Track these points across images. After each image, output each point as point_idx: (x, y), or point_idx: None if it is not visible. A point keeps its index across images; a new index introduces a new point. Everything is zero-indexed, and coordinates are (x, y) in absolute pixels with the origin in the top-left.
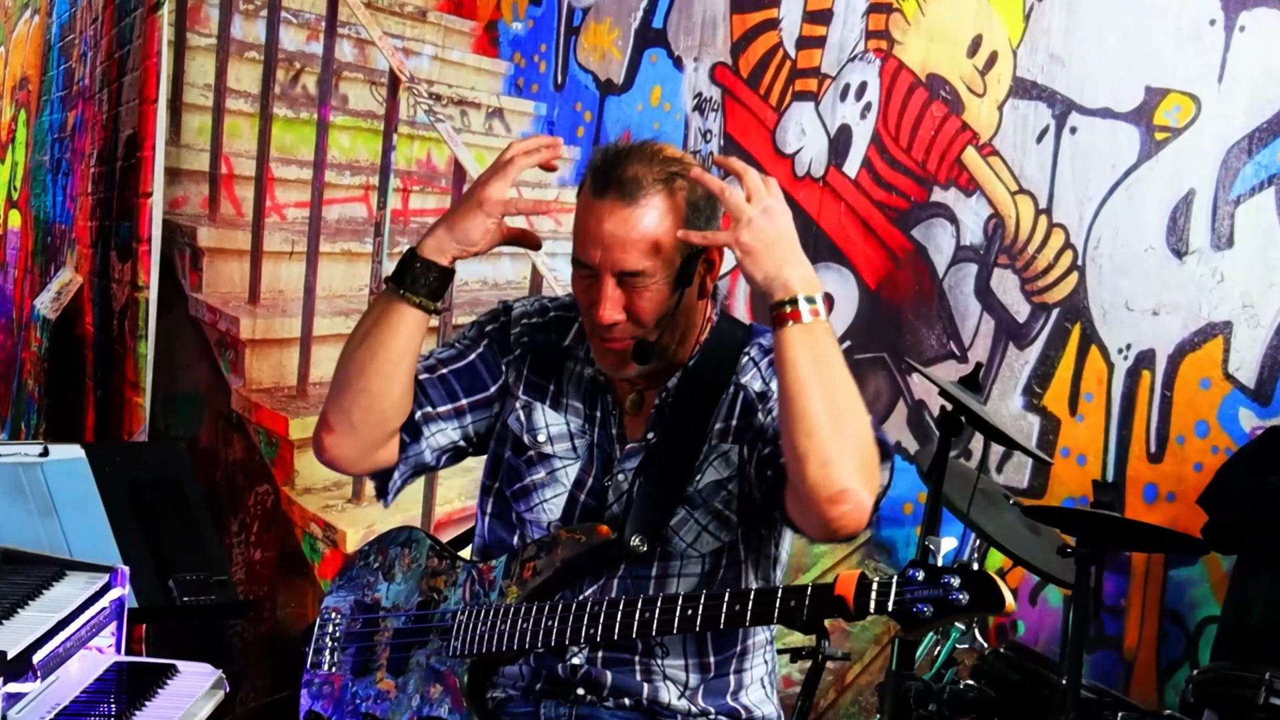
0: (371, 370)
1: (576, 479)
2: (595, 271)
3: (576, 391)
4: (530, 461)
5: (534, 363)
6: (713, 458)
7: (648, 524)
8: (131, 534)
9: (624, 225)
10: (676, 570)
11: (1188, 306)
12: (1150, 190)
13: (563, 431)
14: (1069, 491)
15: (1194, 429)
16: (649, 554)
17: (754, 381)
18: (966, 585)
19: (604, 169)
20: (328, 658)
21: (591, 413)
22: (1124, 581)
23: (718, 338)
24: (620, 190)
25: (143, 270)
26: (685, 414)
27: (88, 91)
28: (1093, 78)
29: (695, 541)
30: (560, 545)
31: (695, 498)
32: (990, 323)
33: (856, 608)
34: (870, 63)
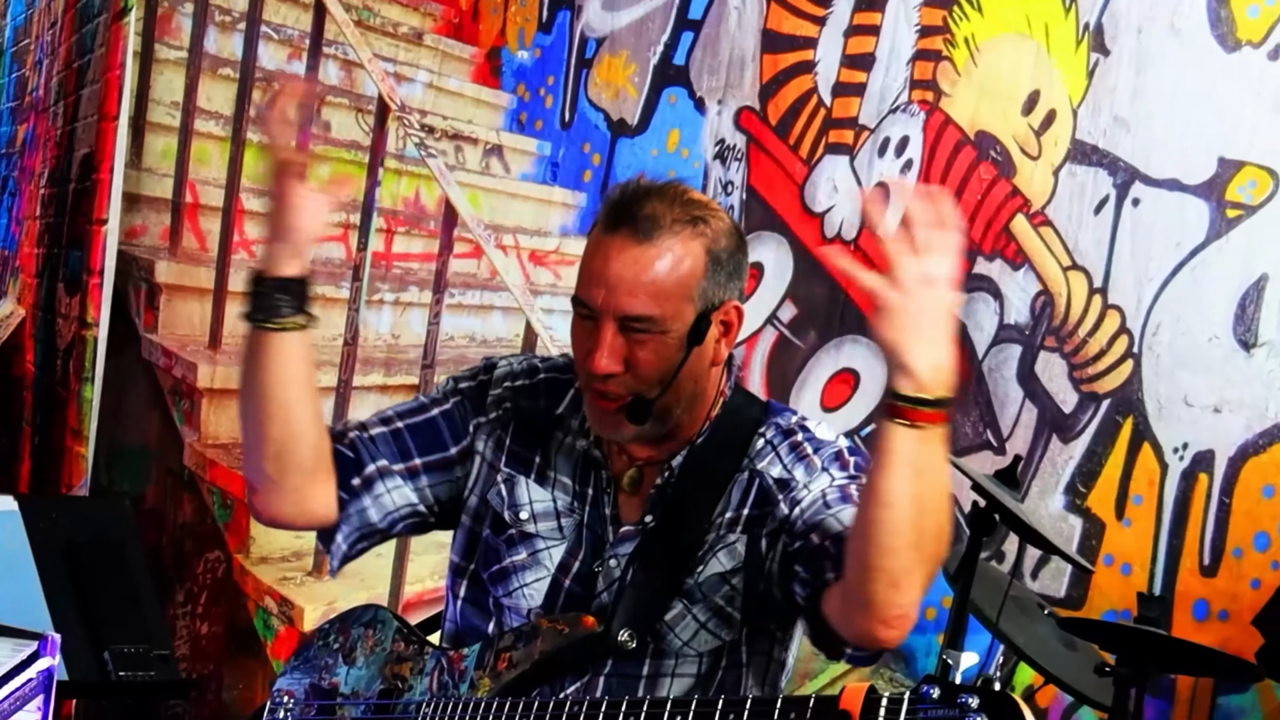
0: (266, 416)
1: (561, 563)
2: (596, 314)
3: (567, 465)
4: (511, 541)
5: (518, 430)
6: (718, 548)
7: (639, 617)
8: (65, 598)
9: (634, 266)
10: (670, 670)
11: (1253, 405)
12: (1218, 273)
13: (548, 509)
14: (1111, 604)
15: (1253, 542)
16: (639, 650)
17: (772, 467)
18: (985, 707)
19: (621, 204)
20: None
21: (583, 490)
22: (1167, 707)
23: (731, 414)
24: (634, 228)
25: (93, 305)
26: (689, 497)
27: (41, 104)
28: (1160, 145)
29: (692, 640)
30: (540, 636)
31: (695, 591)
32: (1033, 412)
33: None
34: (914, 115)
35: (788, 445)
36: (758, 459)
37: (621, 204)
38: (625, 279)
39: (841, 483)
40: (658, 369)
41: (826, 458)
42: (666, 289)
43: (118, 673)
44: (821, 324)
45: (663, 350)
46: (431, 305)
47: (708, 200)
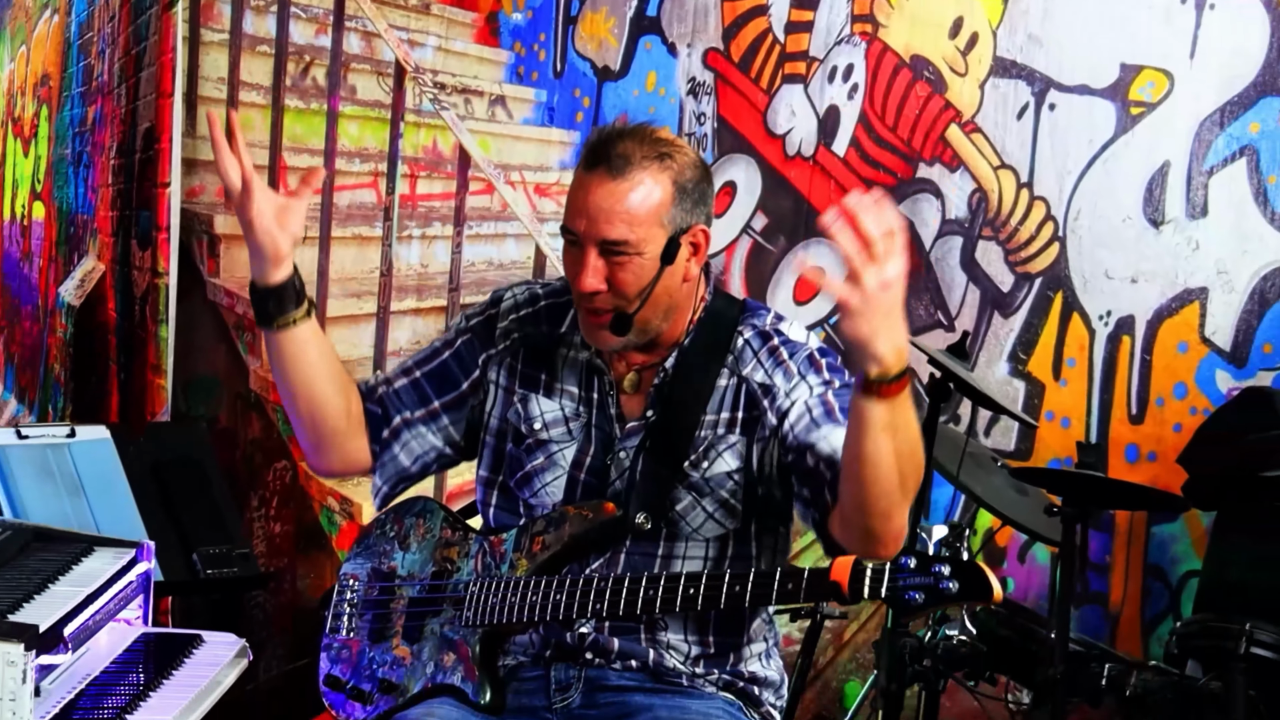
0: (294, 397)
1: (574, 460)
2: (580, 241)
3: (572, 376)
4: (529, 449)
5: (527, 356)
6: (721, 448)
7: (651, 502)
8: (156, 511)
9: (609, 198)
10: (682, 552)
11: (1165, 274)
12: (1127, 163)
13: (557, 417)
14: (1054, 453)
15: (1173, 391)
16: (654, 532)
17: (755, 373)
18: (957, 574)
19: (597, 146)
20: (345, 623)
21: (588, 395)
22: (1108, 539)
23: (712, 316)
24: (609, 165)
25: (162, 257)
26: (684, 392)
27: (106, 87)
28: (1069, 56)
29: (701, 527)
30: (568, 521)
31: (703, 485)
32: (976, 293)
33: (851, 593)
34: (856, 45)
35: (766, 351)
36: (741, 364)
37: (598, 145)
38: (603, 209)
39: (820, 392)
40: (635, 286)
41: (801, 362)
42: (639, 217)
43: (205, 571)
44: (789, 230)
45: (639, 270)
46: (453, 237)
47: (674, 139)
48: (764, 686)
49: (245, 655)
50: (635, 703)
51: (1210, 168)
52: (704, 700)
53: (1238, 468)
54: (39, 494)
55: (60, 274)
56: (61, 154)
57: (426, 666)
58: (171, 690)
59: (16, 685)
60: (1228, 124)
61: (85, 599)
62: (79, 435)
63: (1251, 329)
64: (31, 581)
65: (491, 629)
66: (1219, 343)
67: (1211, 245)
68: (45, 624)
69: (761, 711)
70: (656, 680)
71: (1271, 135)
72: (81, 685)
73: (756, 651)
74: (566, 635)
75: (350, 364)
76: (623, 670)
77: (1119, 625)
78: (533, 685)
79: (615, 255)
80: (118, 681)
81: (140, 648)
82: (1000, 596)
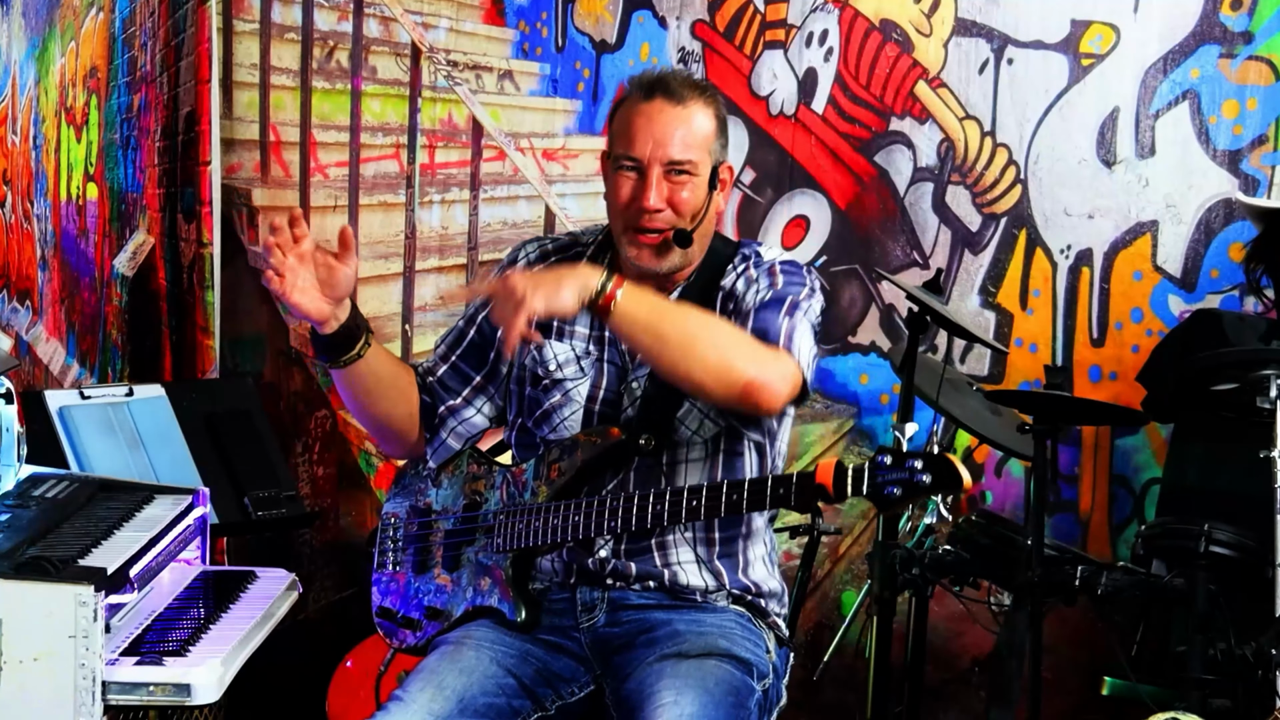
0: (360, 411)
1: (589, 394)
2: (642, 166)
3: (582, 317)
4: (546, 389)
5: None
6: None
7: (655, 421)
8: (209, 459)
9: (674, 122)
10: (684, 457)
11: (1118, 210)
12: (1080, 110)
13: (569, 357)
14: (1024, 376)
15: (1130, 316)
16: (657, 448)
17: (727, 282)
18: (929, 467)
19: (653, 80)
20: (391, 558)
21: (599, 333)
22: (1076, 452)
23: (713, 254)
24: (669, 94)
25: (206, 229)
26: None
27: (149, 76)
28: (1024, 14)
29: (698, 429)
30: (579, 448)
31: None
32: (947, 233)
33: (835, 492)
34: (830, 12)
35: (742, 268)
36: (725, 280)
37: (653, 80)
38: (669, 132)
39: (764, 295)
40: (692, 205)
41: (762, 272)
42: (696, 141)
43: (256, 513)
44: (775, 183)
45: (695, 190)
46: (470, 200)
47: (708, 82)
48: (769, 598)
49: (295, 588)
50: (655, 619)
51: (1156, 111)
52: (718, 614)
53: (1191, 383)
54: (102, 449)
55: (114, 248)
56: (111, 139)
57: (466, 591)
58: (229, 622)
59: (88, 623)
60: (1170, 71)
61: (148, 542)
62: (136, 394)
63: (1199, 256)
64: (98, 528)
65: (520, 552)
66: (1170, 270)
67: (1160, 182)
68: (112, 567)
69: (769, 622)
70: (674, 598)
71: (1210, 80)
72: (147, 621)
73: (759, 555)
74: (588, 561)
75: (381, 319)
76: (642, 590)
77: (1089, 530)
78: (561, 606)
79: (677, 175)
80: (180, 616)
81: (199, 585)
82: (970, 485)
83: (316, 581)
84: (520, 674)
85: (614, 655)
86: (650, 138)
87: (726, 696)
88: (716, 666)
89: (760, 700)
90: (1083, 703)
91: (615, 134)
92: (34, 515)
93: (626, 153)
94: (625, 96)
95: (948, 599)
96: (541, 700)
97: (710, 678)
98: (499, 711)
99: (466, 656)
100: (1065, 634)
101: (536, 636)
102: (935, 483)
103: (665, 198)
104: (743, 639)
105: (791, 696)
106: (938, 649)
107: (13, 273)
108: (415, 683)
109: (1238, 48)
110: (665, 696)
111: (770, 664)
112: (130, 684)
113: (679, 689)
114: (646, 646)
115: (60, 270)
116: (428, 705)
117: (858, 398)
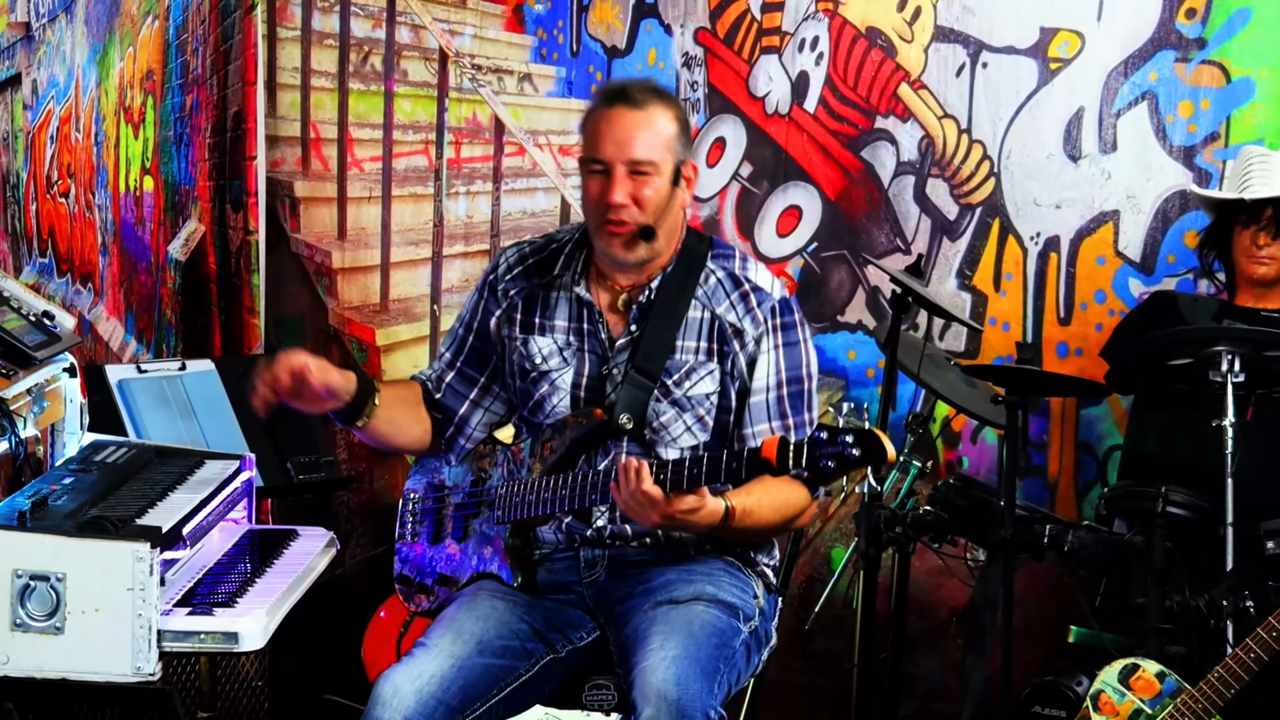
0: (385, 443)
1: (574, 381)
2: (607, 166)
3: (562, 311)
4: (534, 381)
5: (524, 306)
6: (702, 373)
7: (633, 404)
8: (255, 428)
9: (634, 125)
10: (663, 437)
11: (1084, 200)
12: (1048, 110)
13: (552, 349)
14: (997, 352)
15: (1094, 297)
16: (642, 438)
17: (728, 314)
18: (859, 442)
19: (614, 89)
20: (410, 530)
21: (579, 325)
22: (1045, 421)
23: (687, 248)
24: (629, 100)
25: (252, 218)
26: (663, 311)
27: (200, 79)
28: (998, 22)
29: (679, 437)
30: (568, 427)
31: (684, 402)
32: (927, 222)
33: (779, 465)
34: (821, 20)
35: (738, 295)
36: (715, 302)
37: (614, 89)
38: (629, 134)
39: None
40: (655, 202)
41: (766, 311)
42: (656, 141)
43: (297, 477)
44: (770, 176)
45: (658, 187)
46: (493, 192)
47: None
48: (756, 549)
49: (333, 545)
50: (652, 571)
51: (1118, 110)
52: (708, 563)
53: (1149, 358)
54: (157, 418)
55: (168, 235)
56: (165, 136)
57: (471, 559)
58: (273, 576)
59: (144, 577)
60: (1130, 74)
61: (199, 504)
62: (189, 368)
63: (1157, 243)
64: (154, 491)
65: (516, 523)
66: (1130, 255)
67: (1121, 175)
68: (167, 525)
69: (758, 570)
70: (668, 551)
71: (1167, 82)
72: (199, 575)
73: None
74: (586, 530)
75: (412, 300)
76: (640, 548)
77: (1056, 492)
78: (565, 565)
79: (640, 174)
80: (228, 571)
81: (246, 542)
82: (893, 456)
83: (352, 539)
84: (531, 621)
85: (615, 605)
86: (613, 140)
87: (710, 639)
88: (704, 611)
89: (747, 640)
90: (1051, 650)
91: (585, 140)
92: (95, 479)
93: (593, 155)
94: (592, 106)
95: (928, 555)
96: (552, 643)
97: (696, 622)
98: (513, 653)
99: (483, 606)
100: (1035, 587)
101: (544, 591)
102: (864, 455)
103: (629, 194)
104: (730, 585)
105: (785, 644)
106: (918, 601)
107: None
108: (437, 630)
109: (1192, 53)
110: (654, 641)
111: (757, 608)
112: (183, 632)
113: (666, 634)
114: (643, 596)
115: (119, 256)
116: (449, 648)
117: (846, 371)
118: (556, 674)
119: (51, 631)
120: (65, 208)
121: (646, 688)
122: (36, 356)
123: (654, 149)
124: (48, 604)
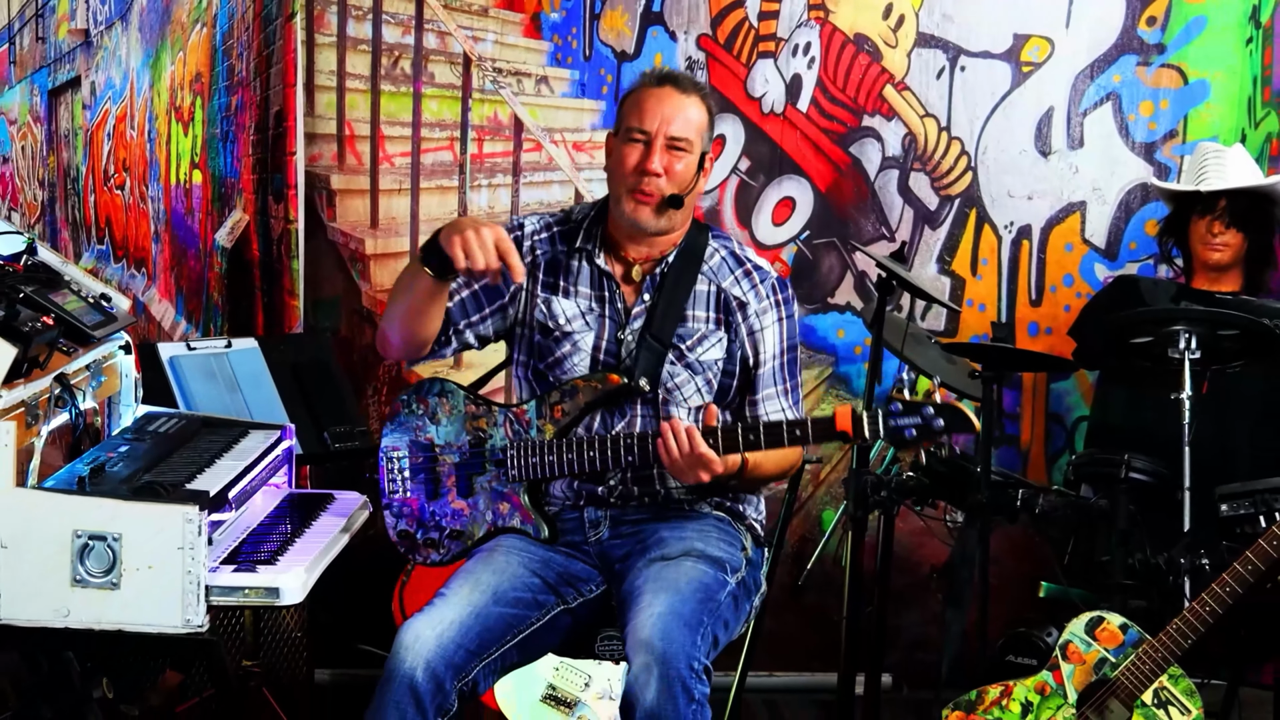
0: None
1: (594, 344)
2: (649, 137)
3: (584, 280)
4: (556, 340)
5: (546, 269)
6: (712, 340)
7: (649, 368)
8: (295, 401)
9: (679, 105)
10: (678, 399)
11: (1054, 192)
12: (1021, 109)
13: (576, 313)
14: (974, 331)
15: (1063, 280)
16: (654, 400)
17: (734, 288)
18: (941, 413)
19: (662, 73)
20: (400, 486)
21: (600, 294)
22: (1018, 394)
23: (692, 234)
24: (677, 84)
25: (292, 209)
26: (675, 283)
27: (245, 81)
28: (975, 29)
29: (690, 397)
30: (580, 392)
31: (696, 365)
32: (910, 212)
33: (855, 436)
34: (812, 27)
35: (741, 272)
36: (719, 276)
37: (665, 73)
38: (675, 112)
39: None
40: (684, 177)
41: (768, 287)
42: (694, 125)
43: (334, 445)
44: (766, 170)
45: (688, 164)
46: (513, 185)
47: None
48: (745, 504)
49: (367, 508)
50: (648, 529)
51: (1084, 110)
52: (700, 520)
53: (1113, 337)
54: (205, 392)
55: (215, 224)
56: (212, 133)
57: (485, 514)
58: (312, 536)
59: (194, 537)
60: (1096, 76)
61: (243, 470)
62: (234, 346)
63: (1120, 231)
64: (202, 458)
65: (533, 481)
66: (1096, 243)
67: (1088, 169)
68: (214, 490)
69: (747, 524)
70: (665, 510)
71: (1129, 84)
72: (243, 535)
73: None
74: (598, 489)
75: None
76: (639, 507)
77: (1028, 460)
78: (571, 525)
79: (676, 149)
80: (270, 531)
81: (286, 505)
82: (979, 426)
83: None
84: (544, 575)
85: (616, 563)
86: (660, 115)
87: (696, 593)
88: (692, 566)
89: (734, 590)
90: (1023, 604)
91: (626, 113)
92: (148, 447)
93: (639, 125)
94: (639, 85)
95: (910, 517)
96: (564, 596)
97: (683, 577)
98: (527, 604)
99: (498, 560)
100: (1009, 547)
101: (556, 547)
102: (949, 425)
103: (664, 165)
104: (718, 540)
105: (779, 598)
106: (902, 559)
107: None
108: (456, 581)
109: (1152, 57)
110: (645, 599)
111: (745, 559)
112: (229, 588)
113: (655, 591)
114: (640, 554)
115: (170, 243)
116: (467, 597)
117: (835, 349)
118: (568, 624)
119: (108, 587)
120: (121, 199)
121: (636, 641)
122: (95, 335)
123: (690, 130)
124: (105, 561)
